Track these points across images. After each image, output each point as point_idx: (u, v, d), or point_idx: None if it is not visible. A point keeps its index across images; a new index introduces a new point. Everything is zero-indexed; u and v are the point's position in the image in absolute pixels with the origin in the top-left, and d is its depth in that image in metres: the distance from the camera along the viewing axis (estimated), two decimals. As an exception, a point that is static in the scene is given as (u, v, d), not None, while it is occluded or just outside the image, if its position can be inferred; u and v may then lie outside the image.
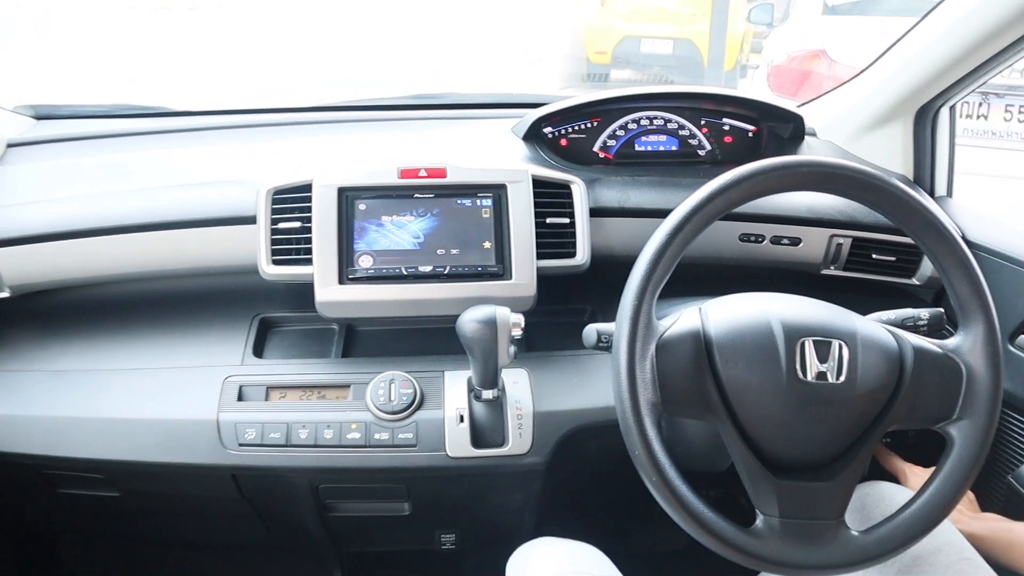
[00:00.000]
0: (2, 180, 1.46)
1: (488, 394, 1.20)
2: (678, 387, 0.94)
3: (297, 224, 1.26)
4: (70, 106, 1.74)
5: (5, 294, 1.35)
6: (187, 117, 1.71)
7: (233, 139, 1.59)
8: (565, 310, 1.40)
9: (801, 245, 1.41)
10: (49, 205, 1.37)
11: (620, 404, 0.91)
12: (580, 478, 1.48)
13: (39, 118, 1.69)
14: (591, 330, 1.06)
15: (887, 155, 1.58)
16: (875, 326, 0.99)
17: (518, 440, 1.19)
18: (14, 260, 1.32)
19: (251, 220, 1.28)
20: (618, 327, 0.94)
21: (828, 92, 1.73)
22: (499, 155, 1.47)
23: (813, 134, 1.67)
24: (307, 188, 1.26)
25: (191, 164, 1.47)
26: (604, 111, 1.54)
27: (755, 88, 6.02)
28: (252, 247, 1.27)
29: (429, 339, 1.32)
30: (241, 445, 1.18)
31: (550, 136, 1.53)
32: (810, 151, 1.59)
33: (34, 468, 1.28)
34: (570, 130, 1.54)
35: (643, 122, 1.55)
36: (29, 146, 1.58)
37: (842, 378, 0.92)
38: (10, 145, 1.57)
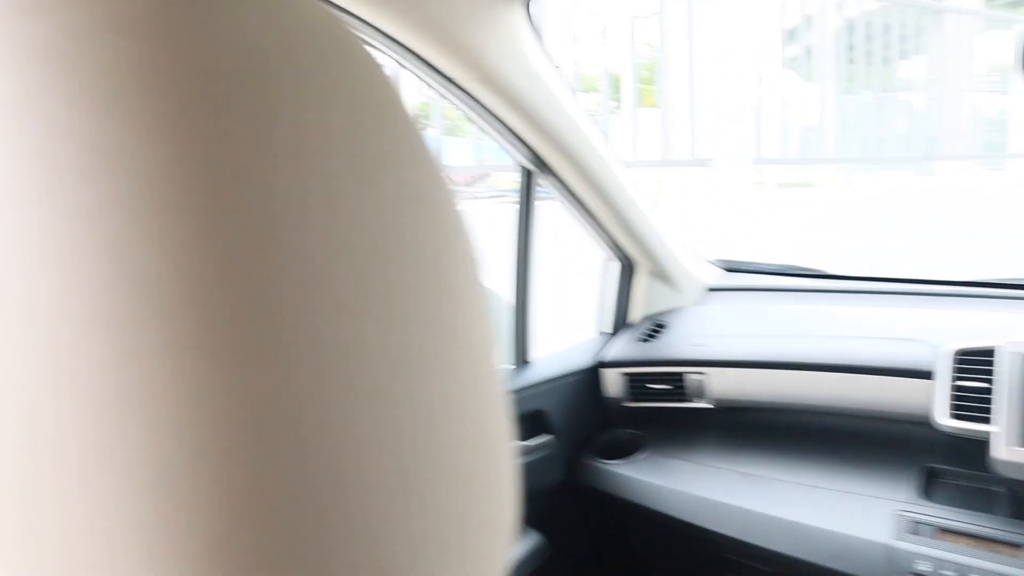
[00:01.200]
0: (707, 316, 1.91)
1: None
2: None
3: (979, 384, 1.40)
4: (751, 263, 2.17)
5: (710, 405, 1.74)
6: (849, 281, 1.99)
7: (895, 304, 1.81)
8: None
9: None
10: (746, 339, 1.75)
11: None
12: None
13: (728, 270, 2.15)
14: None
15: None
16: None
17: None
18: (719, 379, 1.71)
19: (925, 375, 1.46)
20: None
21: None
22: None
23: None
24: (989, 353, 1.40)
25: (861, 321, 1.72)
26: None
27: None
28: (920, 399, 1.45)
29: None
30: (912, 574, 1.33)
31: None
32: None
33: (716, 546, 1.59)
34: None
35: None
36: (722, 291, 2.02)
37: None
38: (709, 289, 2.03)
